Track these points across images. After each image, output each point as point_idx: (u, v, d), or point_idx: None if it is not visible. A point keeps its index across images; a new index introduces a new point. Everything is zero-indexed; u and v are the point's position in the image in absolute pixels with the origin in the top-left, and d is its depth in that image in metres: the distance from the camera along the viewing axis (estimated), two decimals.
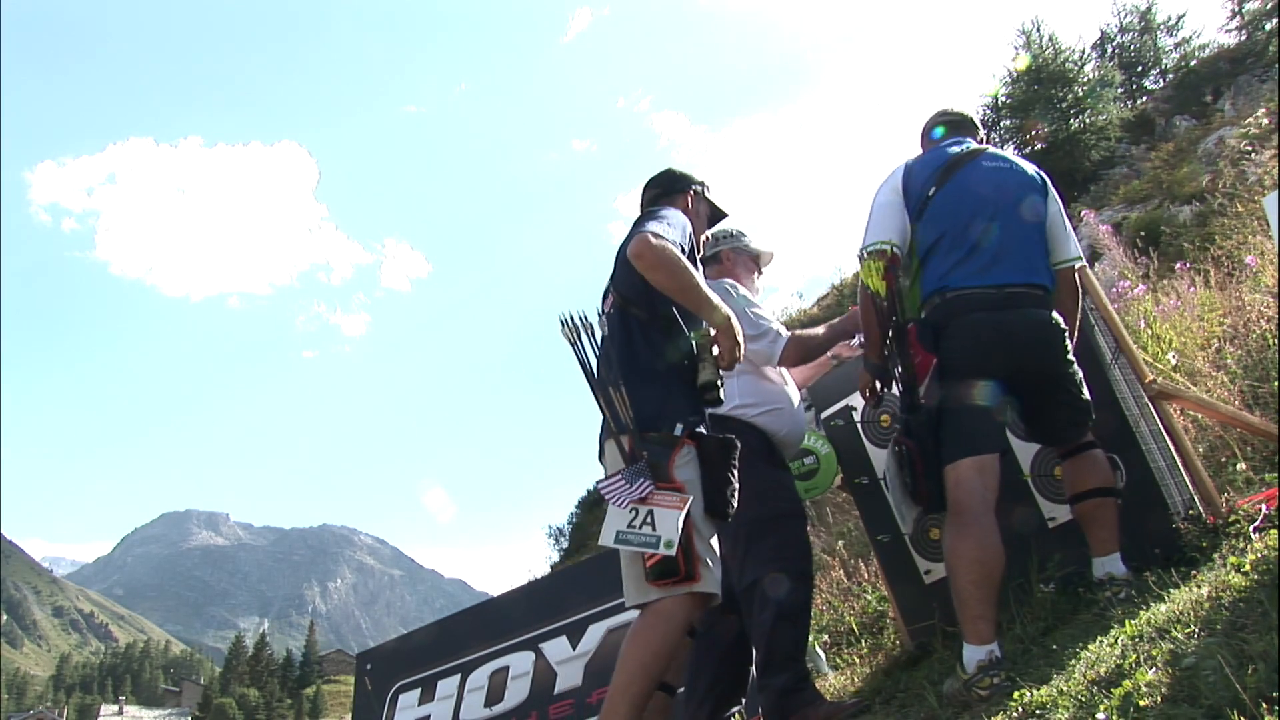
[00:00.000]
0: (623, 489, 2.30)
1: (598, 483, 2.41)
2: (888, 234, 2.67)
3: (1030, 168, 2.81)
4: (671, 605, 2.28)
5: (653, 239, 2.38)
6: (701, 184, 2.84)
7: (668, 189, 2.80)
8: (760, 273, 3.46)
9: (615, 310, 2.56)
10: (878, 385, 2.83)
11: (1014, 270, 2.59)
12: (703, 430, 2.44)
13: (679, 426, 2.39)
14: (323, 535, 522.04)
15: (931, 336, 2.54)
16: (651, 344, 2.50)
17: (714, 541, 2.37)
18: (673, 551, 2.21)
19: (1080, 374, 2.66)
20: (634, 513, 2.25)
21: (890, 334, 2.69)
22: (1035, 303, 2.60)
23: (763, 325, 3.08)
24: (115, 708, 77.03)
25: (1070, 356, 2.64)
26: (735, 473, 2.44)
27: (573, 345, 2.53)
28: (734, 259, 3.40)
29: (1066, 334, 2.64)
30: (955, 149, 2.78)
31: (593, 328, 2.55)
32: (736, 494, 2.43)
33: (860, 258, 2.71)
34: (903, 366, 2.59)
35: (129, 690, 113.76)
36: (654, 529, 2.22)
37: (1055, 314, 2.64)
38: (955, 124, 2.93)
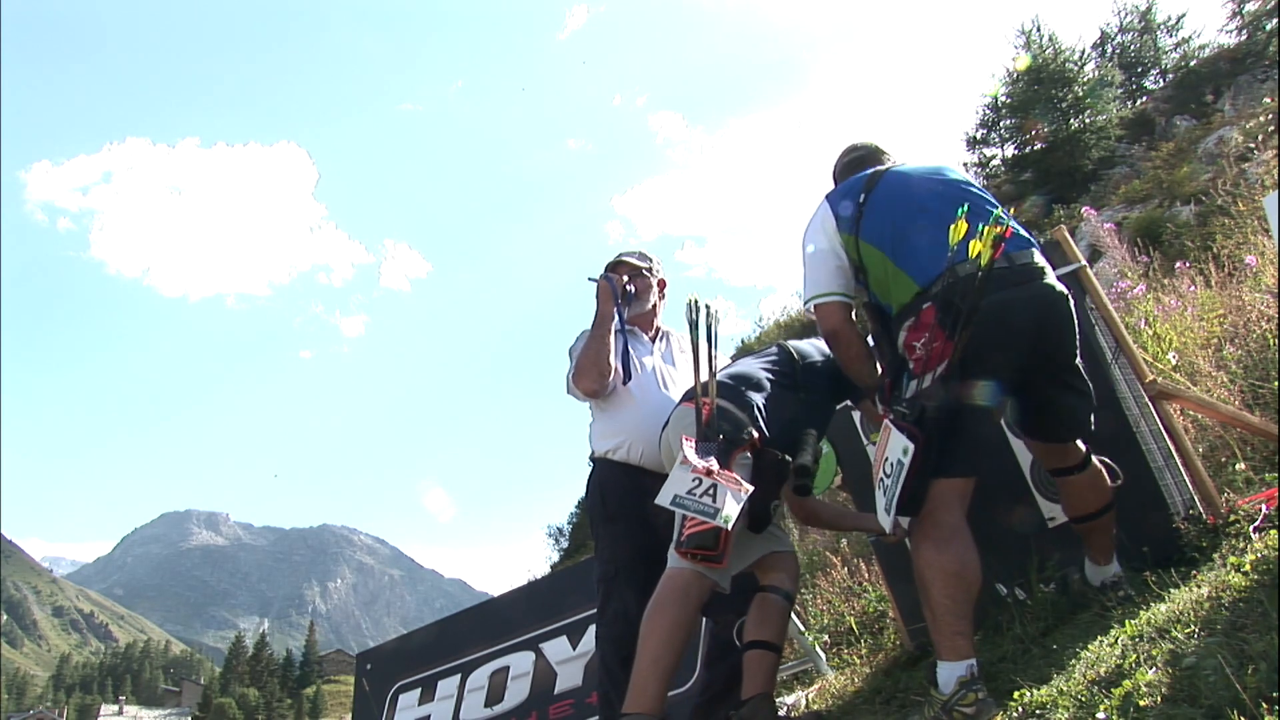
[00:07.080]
0: (694, 455, 2.36)
1: (688, 444, 2.43)
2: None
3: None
4: (691, 579, 2.40)
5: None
6: None
7: None
8: (632, 286, 3.14)
9: (793, 365, 2.79)
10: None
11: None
12: (768, 446, 2.55)
13: (750, 430, 2.51)
14: (323, 535, 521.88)
15: (953, 319, 2.18)
16: (793, 390, 2.72)
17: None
18: (728, 527, 2.26)
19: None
20: (697, 481, 2.29)
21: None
22: (1042, 273, 2.37)
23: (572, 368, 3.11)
24: (115, 708, 77.13)
25: (1078, 334, 2.46)
26: (781, 494, 2.64)
27: (692, 326, 2.68)
28: None
29: (1074, 305, 2.42)
30: (868, 171, 2.63)
31: (716, 316, 2.73)
32: (776, 512, 2.62)
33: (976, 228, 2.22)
34: (909, 351, 2.28)
35: (129, 690, 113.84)
36: (714, 501, 2.27)
37: (1060, 283, 2.40)
38: (863, 159, 2.77)
